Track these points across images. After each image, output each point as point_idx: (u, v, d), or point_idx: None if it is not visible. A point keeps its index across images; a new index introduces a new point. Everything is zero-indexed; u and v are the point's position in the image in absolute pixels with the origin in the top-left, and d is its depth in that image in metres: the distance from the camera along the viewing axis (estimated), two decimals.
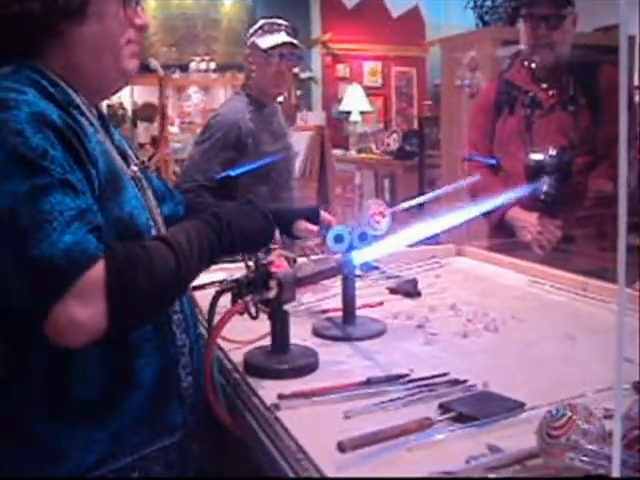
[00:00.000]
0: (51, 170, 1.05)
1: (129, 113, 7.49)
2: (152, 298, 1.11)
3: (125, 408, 1.18)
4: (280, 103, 3.13)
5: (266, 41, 2.82)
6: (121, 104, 7.42)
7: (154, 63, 1.43)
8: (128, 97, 7.46)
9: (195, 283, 1.87)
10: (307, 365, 1.33)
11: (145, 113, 7.51)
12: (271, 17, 2.98)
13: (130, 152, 1.37)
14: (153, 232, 1.26)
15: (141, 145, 6.26)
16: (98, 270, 1.03)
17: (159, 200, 1.43)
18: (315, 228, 1.80)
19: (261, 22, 2.91)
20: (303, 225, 1.80)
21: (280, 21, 2.90)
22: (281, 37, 2.84)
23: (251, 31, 2.92)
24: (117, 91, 1.35)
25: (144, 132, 6.86)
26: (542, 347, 1.48)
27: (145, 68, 1.39)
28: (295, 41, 2.87)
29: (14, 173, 1.04)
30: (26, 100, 1.09)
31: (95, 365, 1.15)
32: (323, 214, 1.84)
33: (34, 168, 1.04)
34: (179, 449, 1.27)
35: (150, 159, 1.41)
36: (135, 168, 1.32)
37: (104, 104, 7.17)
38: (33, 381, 1.13)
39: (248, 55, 2.90)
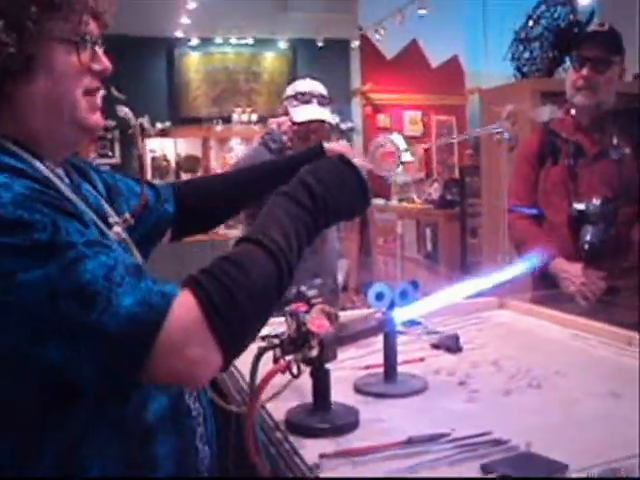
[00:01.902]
0: (70, 238, 0.95)
1: (172, 165, 7.67)
2: (256, 314, 1.03)
3: None
4: None
5: (298, 113, 2.90)
6: (164, 156, 7.62)
7: (125, 110, 1.29)
8: (172, 149, 7.66)
9: None
10: (348, 424, 1.33)
11: (188, 165, 7.68)
12: (307, 78, 3.05)
13: (109, 209, 1.25)
14: None
15: None
16: (188, 309, 0.95)
17: (150, 209, 1.41)
18: None
19: (295, 90, 2.98)
20: None
21: (314, 89, 2.96)
22: (312, 110, 2.93)
23: (286, 94, 3.00)
24: (80, 146, 1.25)
25: None
26: (586, 405, 1.45)
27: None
28: (325, 117, 2.94)
29: (36, 260, 0.92)
30: (3, 184, 0.97)
31: (110, 448, 1.08)
32: (327, 146, 1.69)
33: (54, 246, 0.94)
34: None
35: (132, 216, 1.27)
36: (118, 229, 1.22)
37: (148, 157, 7.37)
38: (47, 468, 1.04)
39: (279, 115, 3.00)
